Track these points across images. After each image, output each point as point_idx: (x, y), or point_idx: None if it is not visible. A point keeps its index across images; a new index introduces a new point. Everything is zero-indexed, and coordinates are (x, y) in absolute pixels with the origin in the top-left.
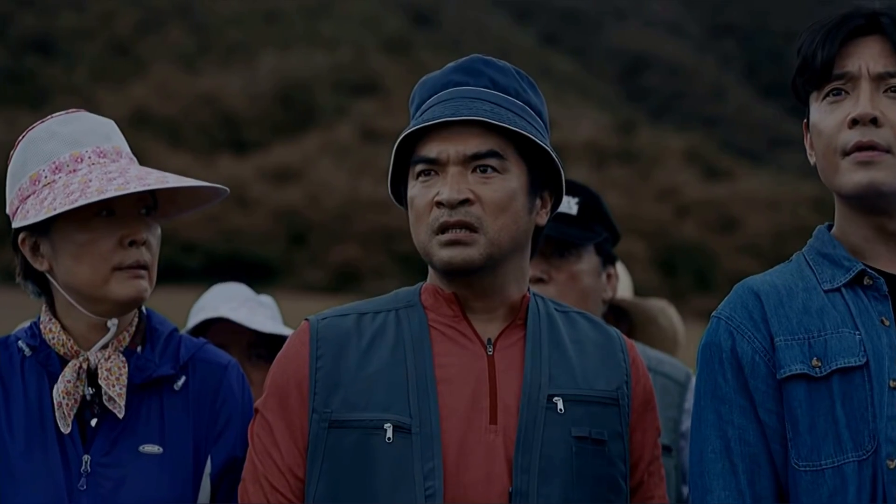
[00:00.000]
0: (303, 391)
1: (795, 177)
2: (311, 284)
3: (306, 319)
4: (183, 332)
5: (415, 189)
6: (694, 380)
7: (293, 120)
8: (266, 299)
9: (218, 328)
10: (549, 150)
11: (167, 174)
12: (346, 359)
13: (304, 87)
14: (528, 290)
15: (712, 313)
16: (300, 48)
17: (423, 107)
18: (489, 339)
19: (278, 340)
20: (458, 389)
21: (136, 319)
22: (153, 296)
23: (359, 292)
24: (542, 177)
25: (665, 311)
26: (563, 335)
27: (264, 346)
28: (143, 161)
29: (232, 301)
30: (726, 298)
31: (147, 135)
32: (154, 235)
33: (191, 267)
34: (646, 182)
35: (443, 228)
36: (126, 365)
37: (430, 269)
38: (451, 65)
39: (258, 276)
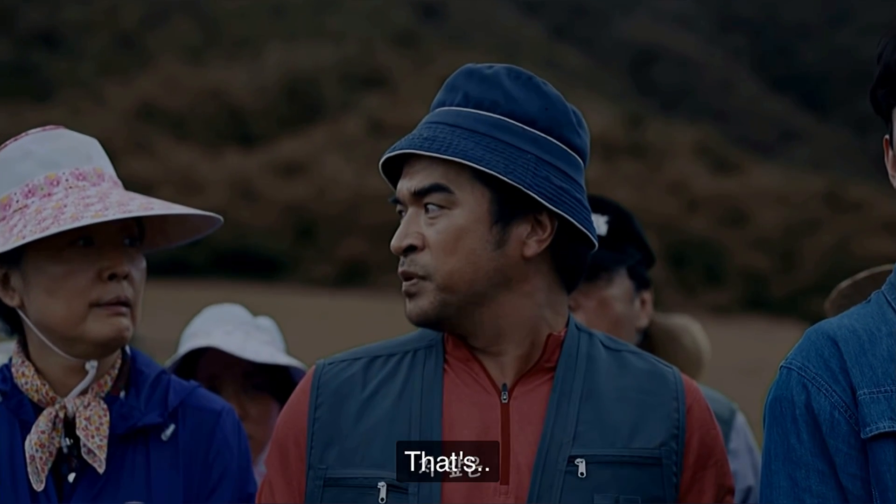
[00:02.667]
0: (300, 445)
1: (805, 171)
2: (318, 279)
3: (315, 364)
4: (171, 360)
5: None
6: (739, 417)
7: (300, 113)
8: (264, 322)
9: (210, 357)
10: (496, 173)
11: (153, 200)
12: (345, 409)
13: (311, 81)
14: (568, 324)
15: (781, 363)
16: (307, 41)
17: None
18: (504, 385)
19: (279, 369)
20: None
21: (119, 361)
22: (159, 290)
23: (366, 287)
24: (521, 200)
25: (689, 329)
26: (602, 381)
27: (262, 375)
28: (149, 155)
29: (226, 324)
30: (797, 346)
31: (153, 128)
32: (138, 268)
33: (196, 262)
34: (655, 176)
35: (402, 277)
36: (107, 413)
37: None
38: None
39: (265, 270)
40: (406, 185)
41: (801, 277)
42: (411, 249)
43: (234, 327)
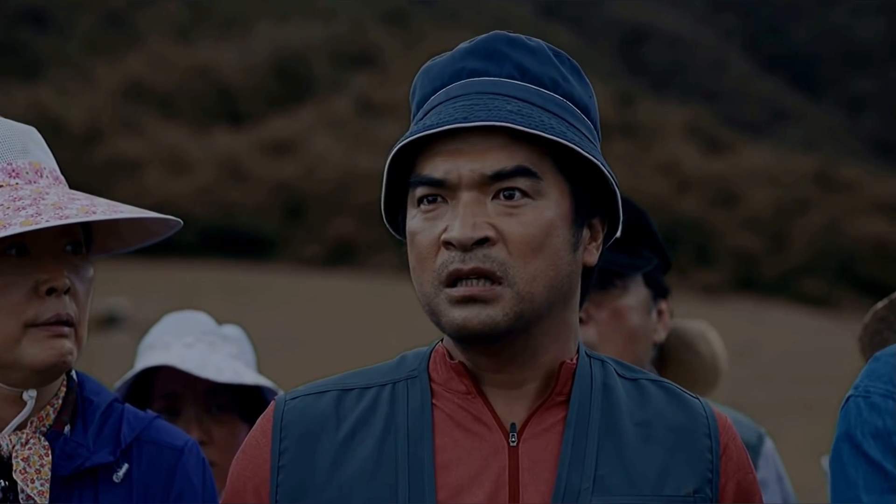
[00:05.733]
0: (262, 498)
1: (796, 150)
2: (307, 259)
3: (274, 399)
4: (124, 379)
5: (415, 221)
6: (768, 443)
7: (289, 92)
8: (231, 331)
9: (168, 373)
10: (599, 164)
11: (97, 201)
12: (317, 455)
13: (301, 59)
14: (579, 351)
15: (849, 394)
16: (296, 20)
17: (427, 105)
18: (512, 425)
19: (247, 386)
20: (466, 497)
21: (64, 389)
22: (146, 270)
23: (355, 266)
24: (590, 199)
25: (705, 335)
26: (623, 415)
27: (228, 393)
28: (138, 134)
29: (186, 335)
30: (869, 372)
31: (141, 107)
32: (82, 280)
33: (184, 241)
34: (646, 156)
35: (453, 279)
36: (49, 452)
37: None
38: (463, 45)
39: (253, 250)
40: (469, 166)
41: (792, 258)
42: (482, 243)
43: (196, 338)
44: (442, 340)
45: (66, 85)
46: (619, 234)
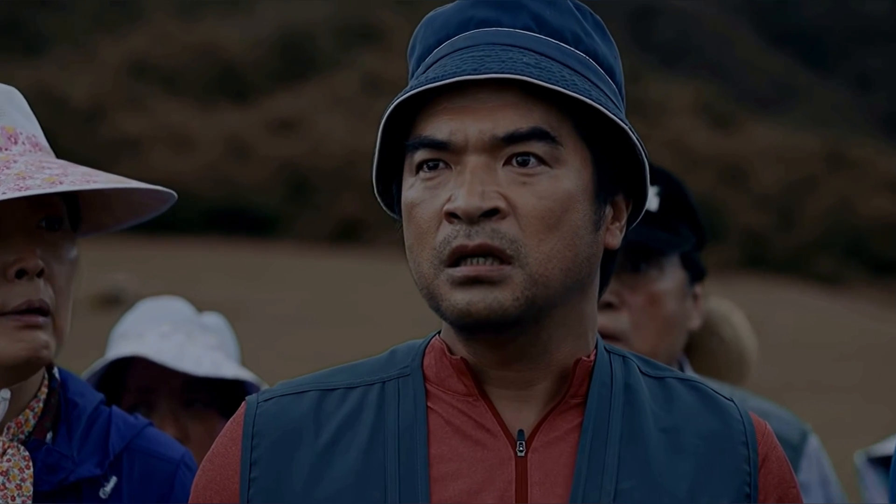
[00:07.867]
0: None
1: (806, 128)
2: (312, 237)
3: (245, 400)
4: (91, 370)
5: (413, 191)
6: (812, 441)
7: (294, 69)
8: (211, 320)
9: (141, 365)
10: (627, 128)
11: (72, 169)
12: (294, 465)
13: (306, 36)
14: (597, 346)
15: None
16: None
17: (430, 59)
18: (520, 432)
19: (225, 380)
20: None
21: (45, 390)
22: (150, 249)
23: (361, 245)
24: (614, 171)
25: (729, 319)
26: (648, 420)
27: (205, 387)
28: (141, 111)
29: (162, 324)
30: None
31: (145, 85)
32: (61, 260)
33: (188, 220)
34: (654, 133)
35: (457, 257)
36: (31, 464)
37: None
38: None
39: (258, 229)
40: (478, 126)
41: (801, 236)
42: (491, 214)
43: (173, 328)
44: (439, 333)
45: (69, 62)
46: (649, 208)
